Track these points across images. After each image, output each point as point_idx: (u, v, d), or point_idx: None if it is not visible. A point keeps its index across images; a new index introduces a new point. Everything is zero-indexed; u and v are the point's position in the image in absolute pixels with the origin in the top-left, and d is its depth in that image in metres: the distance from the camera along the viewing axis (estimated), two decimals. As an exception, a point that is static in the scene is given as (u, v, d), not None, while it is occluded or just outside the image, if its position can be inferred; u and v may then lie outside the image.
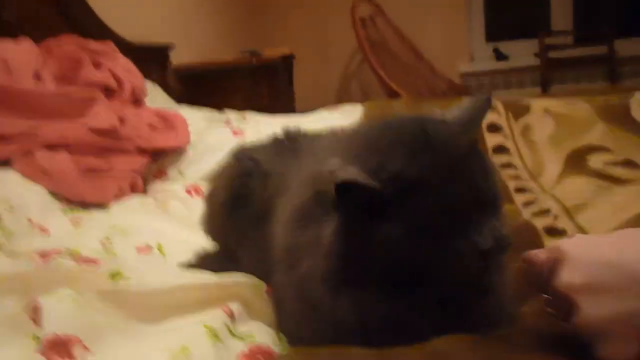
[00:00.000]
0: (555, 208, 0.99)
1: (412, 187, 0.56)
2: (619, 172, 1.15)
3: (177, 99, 2.41)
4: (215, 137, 1.74)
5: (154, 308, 0.70)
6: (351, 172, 0.56)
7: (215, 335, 0.64)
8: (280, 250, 0.69)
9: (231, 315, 0.70)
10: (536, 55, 3.94)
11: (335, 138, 0.82)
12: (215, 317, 0.68)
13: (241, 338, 0.67)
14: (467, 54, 4.10)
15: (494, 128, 1.38)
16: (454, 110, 0.64)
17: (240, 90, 2.95)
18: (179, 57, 2.87)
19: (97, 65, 1.79)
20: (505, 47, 4.13)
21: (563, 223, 0.93)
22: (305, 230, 0.64)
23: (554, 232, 0.91)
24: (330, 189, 0.57)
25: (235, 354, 0.64)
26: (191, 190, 1.48)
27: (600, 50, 3.82)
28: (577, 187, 1.08)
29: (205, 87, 2.92)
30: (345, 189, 0.56)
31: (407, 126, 0.63)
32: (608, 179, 1.12)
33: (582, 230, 0.89)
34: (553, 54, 3.88)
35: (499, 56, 4.12)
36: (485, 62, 4.11)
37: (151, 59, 2.61)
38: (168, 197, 1.47)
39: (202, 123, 1.89)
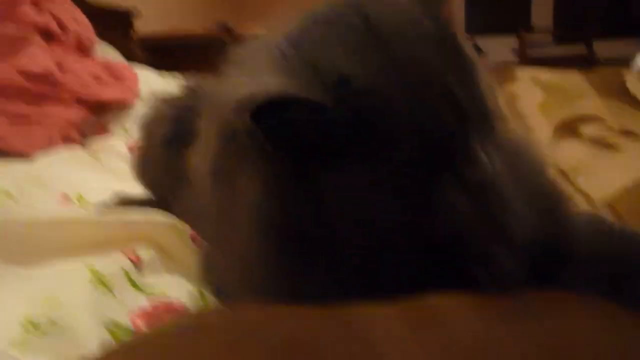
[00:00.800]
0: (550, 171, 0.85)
1: (367, 102, 0.38)
2: (616, 140, 1.01)
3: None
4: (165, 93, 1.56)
5: (33, 244, 0.52)
6: (270, 85, 0.37)
7: (102, 283, 0.46)
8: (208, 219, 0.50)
9: (137, 262, 0.53)
10: (514, 51, 3.87)
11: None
12: (111, 261, 0.50)
13: (144, 290, 0.50)
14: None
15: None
16: None
17: (210, 66, 2.77)
18: (146, 26, 2.69)
19: (37, 5, 1.59)
20: (483, 42, 4.04)
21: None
22: (227, 188, 0.44)
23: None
24: (239, 124, 0.37)
25: (129, 309, 0.47)
26: (134, 147, 1.30)
27: (579, 50, 3.77)
28: (571, 151, 0.94)
29: (173, 59, 2.74)
30: (269, 115, 0.36)
31: (345, 8, 0.42)
32: (605, 145, 0.98)
33: (582, 193, 0.74)
34: (531, 52, 3.81)
35: (478, 52, 4.03)
36: (463, 54, 4.01)
37: (111, 24, 2.44)
38: (105, 152, 1.29)
39: (158, 83, 1.71)
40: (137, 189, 0.87)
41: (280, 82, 0.37)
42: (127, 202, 0.76)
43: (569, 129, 1.12)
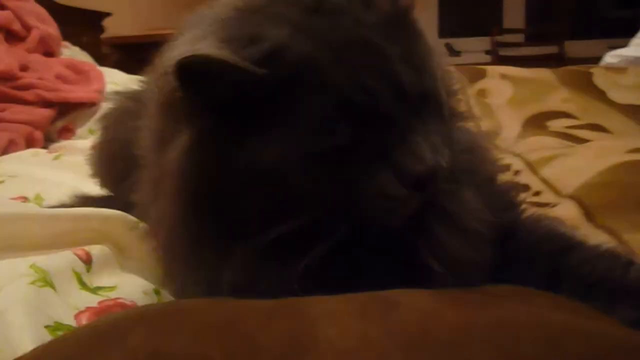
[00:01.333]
0: (516, 163, 0.84)
1: (303, 71, 0.36)
2: (585, 134, 1.01)
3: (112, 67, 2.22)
4: (133, 93, 1.53)
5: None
6: (201, 47, 0.35)
7: (45, 282, 0.44)
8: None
9: (87, 261, 0.50)
10: (487, 52, 3.91)
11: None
12: (57, 259, 0.48)
13: (92, 289, 0.48)
14: (419, 48, 4.01)
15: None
16: None
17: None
18: (120, 28, 2.66)
19: (-1, 5, 1.55)
20: (457, 43, 4.08)
21: (526, 178, 0.78)
22: (162, 154, 0.41)
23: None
24: (174, 88, 0.36)
25: (77, 309, 0.44)
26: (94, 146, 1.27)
27: (550, 50, 3.82)
28: (540, 143, 0.94)
29: (146, 61, 2.70)
30: (195, 75, 0.35)
31: None
32: (572, 139, 0.98)
33: (548, 184, 0.73)
34: (504, 52, 3.85)
35: (452, 52, 4.06)
36: (438, 55, 4.04)
37: (81, 25, 2.39)
38: (70, 153, 1.25)
39: (123, 81, 1.67)
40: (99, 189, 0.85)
41: (212, 45, 0.35)
42: (85, 202, 0.73)
43: (538, 123, 1.12)
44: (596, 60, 3.69)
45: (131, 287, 0.51)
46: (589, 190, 0.66)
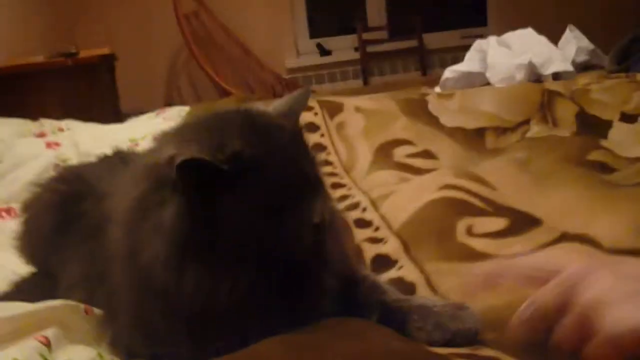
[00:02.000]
0: (364, 200, 1.09)
1: (250, 167, 0.60)
2: (419, 162, 1.29)
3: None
4: (27, 150, 1.62)
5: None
6: (194, 151, 0.58)
7: (26, 369, 0.62)
8: (118, 246, 0.67)
9: (47, 344, 0.68)
10: (356, 49, 4.21)
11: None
12: (27, 348, 0.65)
13: (58, 366, 0.66)
14: (293, 50, 4.23)
15: (312, 127, 1.47)
16: (276, 103, 0.71)
17: (57, 93, 2.78)
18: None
19: None
20: (327, 42, 4.34)
21: (370, 214, 1.03)
22: (144, 220, 0.63)
23: (362, 223, 1.00)
24: (168, 174, 0.59)
25: (50, 385, 0.63)
26: (2, 212, 1.37)
27: (412, 43, 4.19)
28: (382, 179, 1.19)
29: (17, 91, 2.70)
30: (187, 168, 0.57)
31: (235, 114, 0.68)
32: (409, 169, 1.25)
33: (384, 219, 0.99)
34: (371, 48, 4.17)
35: (323, 51, 4.31)
36: (310, 57, 4.28)
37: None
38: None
39: (11, 135, 1.74)
40: (15, 258, 1.01)
41: (195, 149, 0.60)
42: (20, 285, 0.90)
43: (385, 152, 1.39)
44: (452, 50, 4.13)
45: (82, 357, 0.70)
46: (407, 227, 0.93)
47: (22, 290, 0.90)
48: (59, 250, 0.86)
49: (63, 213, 0.87)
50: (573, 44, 1.99)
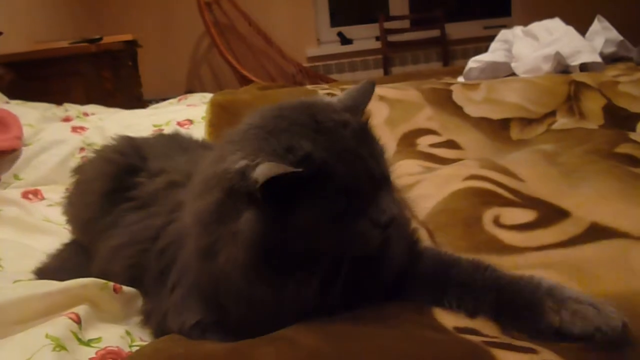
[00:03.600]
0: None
1: (321, 169, 0.59)
2: (443, 152, 1.28)
3: (8, 89, 2.24)
4: (53, 135, 1.63)
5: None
6: (271, 167, 0.57)
7: (60, 346, 0.63)
8: (194, 249, 0.68)
9: (78, 321, 0.69)
10: (377, 39, 4.19)
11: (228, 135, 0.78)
12: (60, 325, 0.67)
13: (88, 344, 0.67)
14: (314, 39, 4.22)
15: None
16: (341, 95, 0.69)
17: (82, 78, 2.80)
18: (10, 46, 2.66)
19: None
20: (349, 32, 4.32)
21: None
22: (221, 226, 0.63)
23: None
24: (243, 185, 0.59)
25: (83, 361, 0.64)
26: (29, 194, 1.39)
27: (433, 33, 4.16)
28: (406, 169, 1.19)
29: (42, 76, 2.74)
30: (268, 183, 0.57)
31: (300, 111, 0.65)
32: (434, 159, 1.25)
33: (410, 210, 0.98)
34: (392, 38, 4.14)
35: (344, 40, 4.29)
36: (331, 46, 4.26)
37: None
38: (1, 204, 1.35)
39: (37, 120, 1.76)
40: (43, 239, 1.02)
41: (274, 165, 0.58)
42: (49, 269, 0.92)
43: (409, 141, 1.38)
44: (474, 40, 4.09)
45: (110, 335, 0.71)
46: (433, 216, 0.92)
47: (61, 259, 0.95)
48: (108, 214, 0.88)
49: (117, 181, 0.89)
50: (601, 35, 1.95)
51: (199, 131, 1.49)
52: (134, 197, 0.86)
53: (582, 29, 2.00)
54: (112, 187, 0.89)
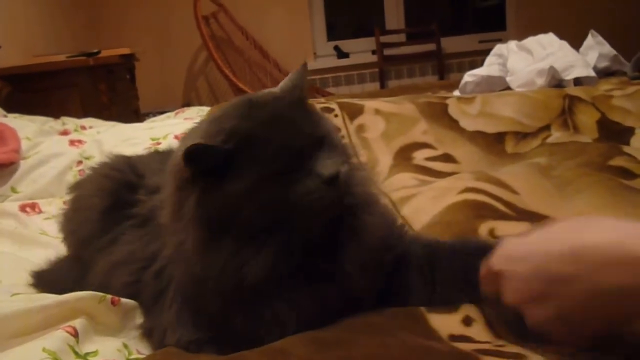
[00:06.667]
0: (385, 203, 1.09)
1: (248, 140, 0.63)
2: (439, 166, 1.29)
3: (5, 102, 2.25)
4: (51, 148, 1.64)
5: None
6: (193, 139, 0.62)
7: (55, 359, 0.63)
8: (168, 243, 0.72)
9: (75, 334, 0.69)
10: (373, 52, 4.22)
11: None
12: (56, 339, 0.67)
13: (85, 358, 0.67)
14: (311, 52, 4.24)
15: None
16: (281, 83, 0.74)
17: (78, 91, 2.81)
18: (8, 59, 2.67)
19: None
20: (345, 45, 4.35)
21: (391, 215, 1.03)
22: (180, 217, 0.67)
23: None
24: (181, 171, 0.63)
25: (79, 375, 0.64)
26: (27, 207, 1.39)
27: (429, 47, 4.20)
28: (402, 182, 1.20)
29: (39, 89, 2.75)
30: (192, 156, 0.61)
31: (236, 100, 0.72)
32: (429, 172, 1.25)
33: (405, 221, 0.99)
34: (388, 51, 4.18)
35: (340, 54, 4.33)
36: (327, 59, 4.29)
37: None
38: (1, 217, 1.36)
39: (35, 133, 1.76)
40: (39, 252, 1.02)
41: (196, 137, 0.65)
42: (50, 271, 0.93)
43: (405, 155, 1.39)
44: (469, 54, 4.12)
45: (107, 348, 0.71)
46: (429, 229, 0.93)
47: (57, 269, 0.96)
48: (107, 230, 0.88)
49: (116, 198, 0.90)
50: (595, 50, 1.97)
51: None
52: (134, 214, 0.86)
53: (576, 44, 2.02)
54: (111, 204, 0.89)
